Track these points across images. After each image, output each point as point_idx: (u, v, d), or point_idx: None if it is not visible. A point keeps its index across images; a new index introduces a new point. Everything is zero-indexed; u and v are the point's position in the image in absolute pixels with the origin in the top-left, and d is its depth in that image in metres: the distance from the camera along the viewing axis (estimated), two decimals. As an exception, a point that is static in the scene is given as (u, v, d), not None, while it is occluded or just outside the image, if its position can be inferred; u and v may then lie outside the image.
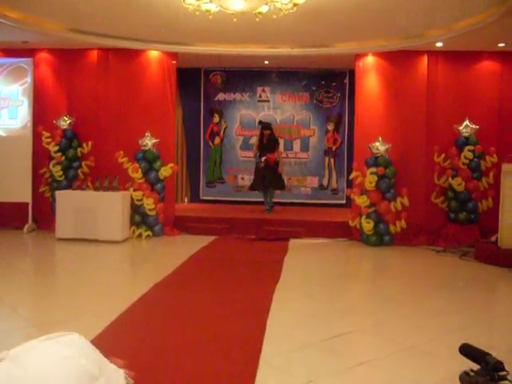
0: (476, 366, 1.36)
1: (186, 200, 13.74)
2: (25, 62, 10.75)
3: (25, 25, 9.20)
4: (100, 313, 5.51)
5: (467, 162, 9.90)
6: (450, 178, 10.02)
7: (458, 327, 5.25)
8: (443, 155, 10.15)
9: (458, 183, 9.91)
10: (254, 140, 13.35)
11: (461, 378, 1.30)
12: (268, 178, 11.67)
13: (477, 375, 1.28)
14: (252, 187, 12.07)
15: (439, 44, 9.86)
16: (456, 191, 10.00)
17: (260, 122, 12.22)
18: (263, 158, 11.61)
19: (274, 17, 7.58)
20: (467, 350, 1.39)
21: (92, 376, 0.80)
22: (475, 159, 9.93)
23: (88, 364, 0.81)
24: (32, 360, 0.78)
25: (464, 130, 10.10)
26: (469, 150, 9.89)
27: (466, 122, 10.09)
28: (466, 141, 10.04)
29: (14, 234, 10.46)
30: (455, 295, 6.75)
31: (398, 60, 10.47)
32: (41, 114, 10.89)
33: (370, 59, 10.67)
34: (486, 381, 1.28)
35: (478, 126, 10.07)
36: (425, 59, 10.45)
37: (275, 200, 12.14)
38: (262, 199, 12.20)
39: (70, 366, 0.78)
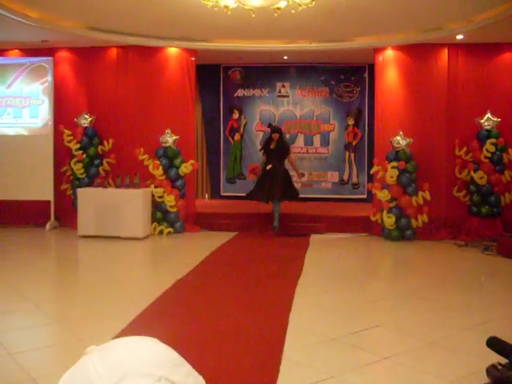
0: (503, 360, 1.33)
1: (206, 196, 13.77)
2: (45, 61, 10.83)
3: (44, 24, 9.28)
4: (122, 309, 5.54)
5: (489, 155, 9.80)
6: (471, 172, 9.93)
7: (479, 322, 5.21)
8: (465, 148, 10.05)
9: (480, 177, 9.81)
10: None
11: (488, 371, 1.27)
12: (271, 186, 10.09)
13: (505, 369, 1.25)
14: (250, 196, 10.63)
15: (460, 36, 9.77)
16: (478, 185, 9.90)
17: (270, 125, 11.34)
18: (269, 167, 10.13)
19: (293, 12, 7.56)
20: (494, 344, 1.36)
21: (173, 363, 0.83)
22: (497, 152, 9.83)
23: (173, 355, 0.85)
24: (116, 350, 0.82)
25: (486, 123, 10.00)
26: (491, 143, 9.79)
27: (488, 115, 9.98)
28: (488, 134, 9.94)
29: (36, 231, 10.57)
30: (477, 290, 6.70)
31: (418, 53, 10.39)
32: (61, 112, 10.97)
33: (389, 53, 10.60)
34: None
35: (499, 119, 9.95)
36: (445, 52, 10.35)
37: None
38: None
39: (156, 350, 0.84)
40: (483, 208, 9.96)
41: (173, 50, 10.99)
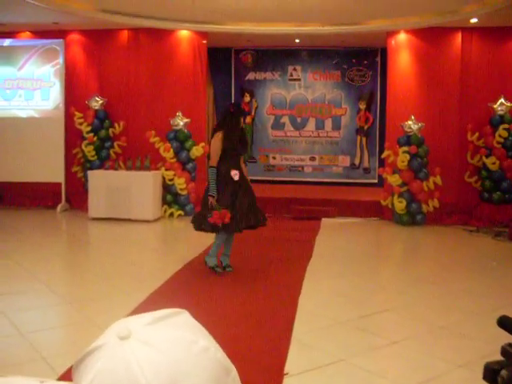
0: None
1: (217, 180, 13.73)
2: (56, 44, 10.82)
3: (55, 6, 9.27)
4: (132, 291, 5.56)
5: (502, 140, 9.73)
6: (483, 157, 9.87)
7: (490, 308, 5.18)
8: (477, 134, 9.98)
9: (492, 162, 9.75)
10: (285, 119, 13.29)
11: (504, 349, 1.23)
12: (247, 210, 6.34)
13: None
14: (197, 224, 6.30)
15: (474, 20, 9.67)
16: (490, 170, 9.84)
17: (235, 105, 6.72)
18: (235, 174, 6.18)
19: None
20: (507, 322, 1.33)
21: (227, 370, 0.78)
22: (510, 138, 9.76)
23: (222, 357, 0.78)
24: (170, 347, 0.73)
25: (499, 108, 9.91)
26: (504, 129, 9.72)
27: (501, 100, 9.90)
28: (501, 119, 9.86)
29: (47, 213, 10.61)
30: (488, 276, 6.67)
31: (431, 37, 10.30)
32: (73, 94, 10.99)
33: (402, 36, 10.52)
34: None
35: (513, 104, 9.87)
36: (459, 36, 10.25)
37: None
38: (294, 178, 12.05)
39: (211, 361, 0.75)
40: (495, 194, 9.91)
41: (184, 33, 10.95)
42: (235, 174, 6.16)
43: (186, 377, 0.71)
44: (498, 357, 1.29)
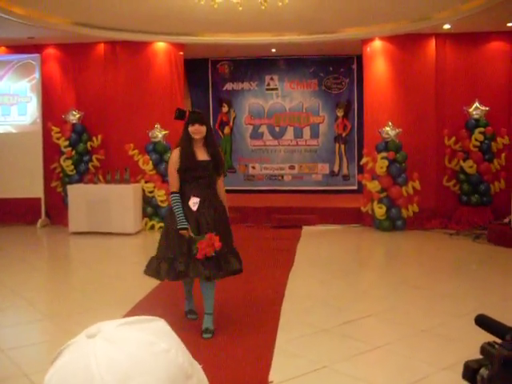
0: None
1: (197, 191, 13.70)
2: (32, 58, 10.77)
3: (30, 20, 9.22)
4: (115, 305, 5.55)
5: (478, 144, 9.83)
6: (461, 161, 9.96)
7: (471, 310, 5.22)
8: (454, 138, 10.08)
9: (469, 166, 9.85)
10: (264, 129, 13.31)
11: (484, 348, 1.24)
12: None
13: (503, 348, 1.22)
14: (151, 270, 5.00)
15: (447, 26, 9.78)
16: (468, 174, 9.94)
17: (179, 112, 5.39)
18: (194, 202, 4.71)
19: (280, 4, 7.55)
20: (485, 321, 1.34)
21: (187, 375, 0.79)
22: (486, 141, 9.86)
23: (184, 362, 0.79)
24: (130, 346, 0.76)
25: (474, 112, 10.02)
26: (479, 132, 9.82)
27: (476, 104, 10.01)
28: (477, 123, 9.96)
29: (27, 229, 10.52)
30: (468, 278, 6.73)
31: (405, 44, 10.39)
32: (50, 109, 10.91)
33: (377, 44, 10.60)
34: None
35: (488, 108, 9.97)
36: (433, 42, 10.36)
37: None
38: (273, 187, 12.06)
39: (169, 362, 0.77)
40: (473, 197, 10.00)
41: (160, 45, 10.96)
42: (194, 204, 4.70)
43: (140, 374, 0.74)
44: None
